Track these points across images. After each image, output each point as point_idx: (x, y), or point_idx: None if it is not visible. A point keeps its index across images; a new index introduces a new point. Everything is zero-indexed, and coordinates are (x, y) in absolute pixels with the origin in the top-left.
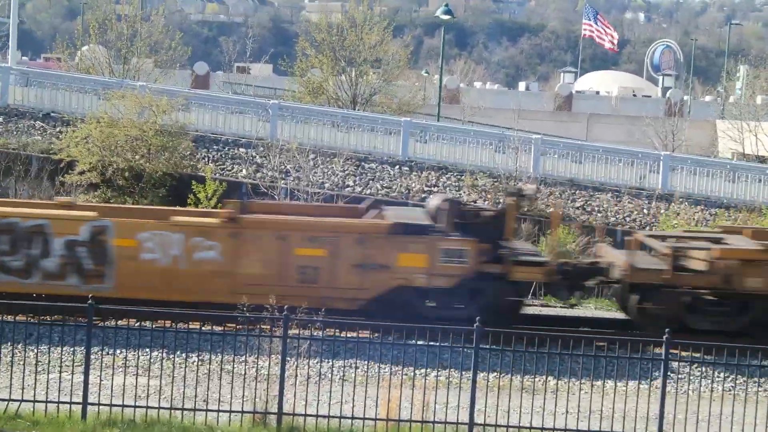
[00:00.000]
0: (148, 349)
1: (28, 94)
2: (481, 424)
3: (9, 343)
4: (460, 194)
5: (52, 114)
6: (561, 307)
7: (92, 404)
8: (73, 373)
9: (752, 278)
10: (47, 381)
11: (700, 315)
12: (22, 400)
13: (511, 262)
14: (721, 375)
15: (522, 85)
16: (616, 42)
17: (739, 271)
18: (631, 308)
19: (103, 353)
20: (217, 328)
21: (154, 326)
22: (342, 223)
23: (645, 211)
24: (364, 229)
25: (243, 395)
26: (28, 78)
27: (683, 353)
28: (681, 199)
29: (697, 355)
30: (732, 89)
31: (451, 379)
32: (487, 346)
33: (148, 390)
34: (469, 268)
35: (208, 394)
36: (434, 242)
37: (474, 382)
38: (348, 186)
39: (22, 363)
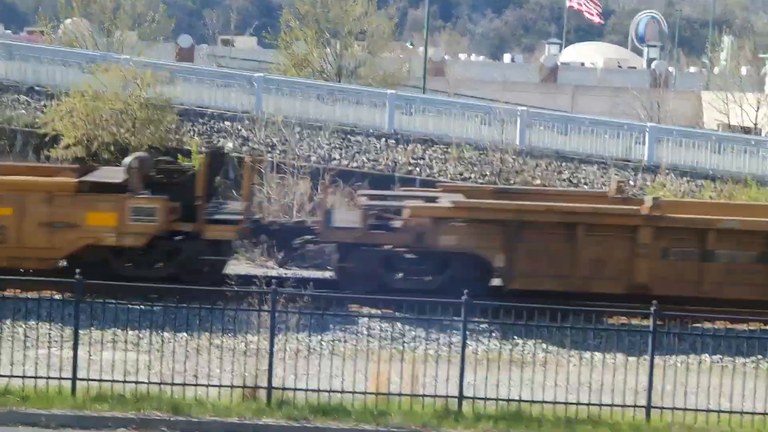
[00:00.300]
0: (137, 325)
1: (11, 68)
2: (470, 398)
3: None
4: (446, 167)
5: (36, 88)
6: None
7: (81, 380)
8: (62, 349)
9: (445, 236)
10: (36, 356)
11: (398, 273)
12: (11, 376)
13: (204, 221)
14: (709, 346)
15: (507, 57)
16: (599, 13)
17: (431, 229)
18: (333, 267)
19: (92, 328)
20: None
21: (142, 302)
22: (27, 182)
23: (631, 182)
24: (50, 188)
25: (232, 370)
26: (11, 51)
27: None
28: (667, 171)
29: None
30: (717, 60)
31: (440, 352)
32: (476, 320)
33: (137, 365)
34: (160, 227)
35: (197, 369)
36: (123, 201)
37: (463, 355)
38: (334, 159)
39: (10, 339)
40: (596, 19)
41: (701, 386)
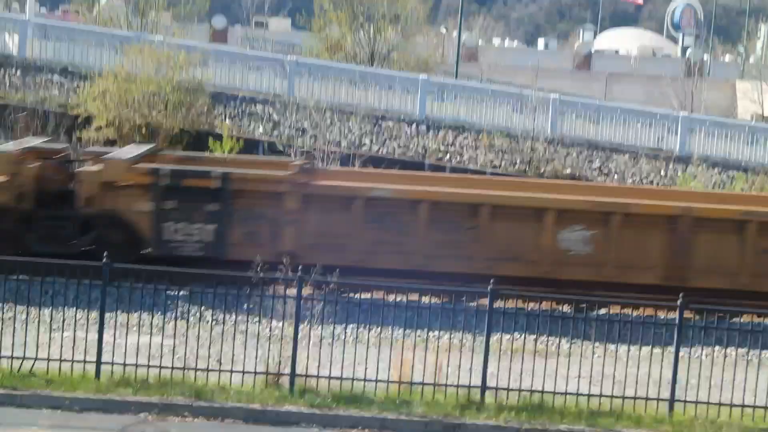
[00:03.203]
0: (162, 309)
1: (45, 48)
2: (493, 388)
3: (24, 302)
4: (476, 154)
5: (70, 68)
6: None
7: (106, 363)
8: (87, 332)
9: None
10: (62, 339)
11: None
12: (36, 359)
13: None
14: (735, 340)
15: (541, 43)
16: None
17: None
18: None
19: (118, 312)
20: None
21: (168, 286)
22: None
23: (662, 173)
24: None
25: (256, 356)
26: (46, 31)
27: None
28: (698, 161)
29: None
30: (753, 49)
31: (464, 341)
32: (501, 308)
33: (161, 350)
34: None
35: (221, 355)
36: None
37: (487, 344)
38: (364, 144)
39: (36, 321)
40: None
41: (726, 380)
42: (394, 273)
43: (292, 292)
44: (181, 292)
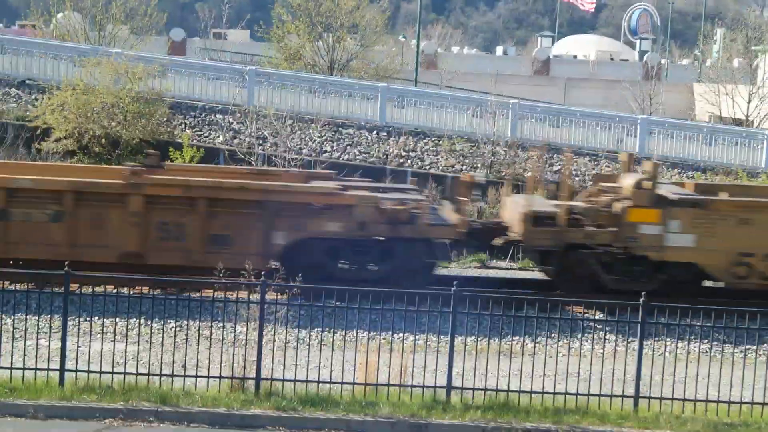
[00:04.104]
0: (125, 316)
1: (2, 62)
2: (459, 388)
3: None
4: (437, 159)
5: (28, 81)
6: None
7: (70, 371)
8: (50, 340)
9: None
10: (24, 347)
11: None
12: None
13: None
14: (698, 337)
15: (500, 50)
16: (592, 3)
17: None
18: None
19: (81, 319)
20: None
21: (131, 293)
22: None
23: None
24: None
25: (221, 361)
26: (2, 45)
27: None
28: (659, 162)
29: (674, 318)
30: (709, 53)
31: (428, 343)
32: (465, 310)
33: (125, 356)
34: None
35: (185, 360)
36: None
37: (452, 345)
38: (325, 152)
39: None
40: (588, 7)
41: (689, 376)
42: None
43: (256, 297)
44: (144, 298)
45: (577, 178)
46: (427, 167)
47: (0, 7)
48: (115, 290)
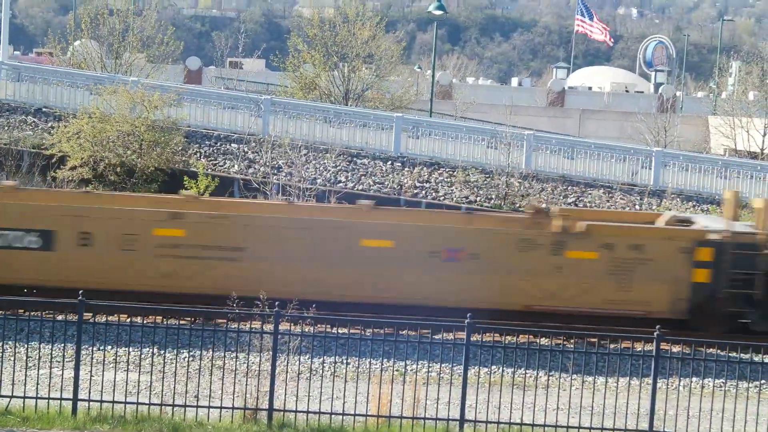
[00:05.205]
0: (139, 345)
1: (19, 89)
2: (472, 420)
3: None
4: (452, 190)
5: (44, 109)
6: None
7: (82, 400)
8: (63, 369)
9: None
10: (37, 377)
11: None
12: (12, 396)
13: None
14: (712, 371)
15: (515, 81)
16: (608, 35)
17: None
18: None
19: (94, 349)
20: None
21: (144, 322)
22: None
23: (637, 206)
24: None
25: (234, 391)
26: (19, 73)
27: (674, 349)
28: (673, 195)
29: (688, 351)
30: (724, 85)
31: (442, 374)
32: (478, 342)
33: (138, 386)
34: None
35: (198, 391)
36: None
37: (465, 377)
38: (340, 182)
39: (12, 359)
40: (603, 38)
41: (704, 410)
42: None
43: (269, 327)
44: (158, 328)
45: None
46: (442, 198)
47: (17, 34)
48: (129, 319)
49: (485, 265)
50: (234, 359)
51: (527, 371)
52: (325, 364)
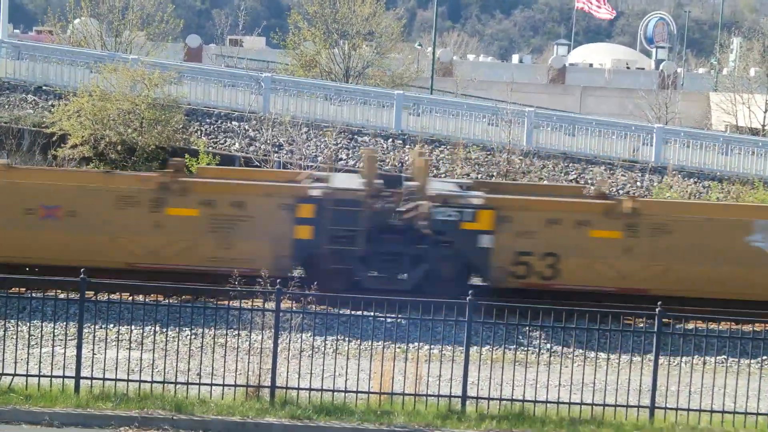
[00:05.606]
0: (141, 323)
1: (19, 68)
2: (474, 397)
3: (1, 318)
4: (453, 167)
5: (44, 87)
6: None
7: (85, 378)
8: (65, 347)
9: None
10: (40, 355)
11: None
12: (15, 374)
13: None
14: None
15: (515, 58)
16: (609, 7)
17: None
18: None
19: (96, 327)
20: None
21: (146, 300)
22: None
23: (638, 183)
24: None
25: (236, 369)
26: (19, 51)
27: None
28: (674, 172)
29: (690, 327)
30: (725, 61)
31: (444, 352)
32: (480, 320)
33: (141, 364)
34: None
35: (201, 368)
36: None
37: (467, 354)
38: (341, 159)
39: (14, 337)
40: (606, 16)
41: (705, 387)
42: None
43: (271, 305)
44: (160, 306)
45: (592, 188)
46: (443, 175)
47: (17, 12)
48: (131, 298)
49: (83, 222)
50: (236, 337)
51: (529, 348)
52: (327, 342)
